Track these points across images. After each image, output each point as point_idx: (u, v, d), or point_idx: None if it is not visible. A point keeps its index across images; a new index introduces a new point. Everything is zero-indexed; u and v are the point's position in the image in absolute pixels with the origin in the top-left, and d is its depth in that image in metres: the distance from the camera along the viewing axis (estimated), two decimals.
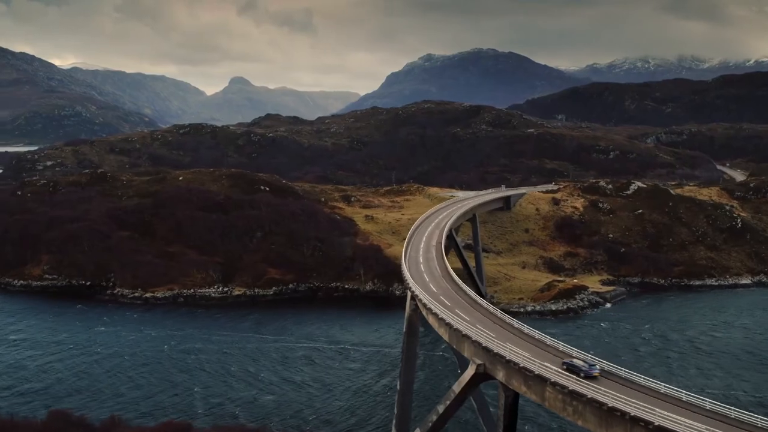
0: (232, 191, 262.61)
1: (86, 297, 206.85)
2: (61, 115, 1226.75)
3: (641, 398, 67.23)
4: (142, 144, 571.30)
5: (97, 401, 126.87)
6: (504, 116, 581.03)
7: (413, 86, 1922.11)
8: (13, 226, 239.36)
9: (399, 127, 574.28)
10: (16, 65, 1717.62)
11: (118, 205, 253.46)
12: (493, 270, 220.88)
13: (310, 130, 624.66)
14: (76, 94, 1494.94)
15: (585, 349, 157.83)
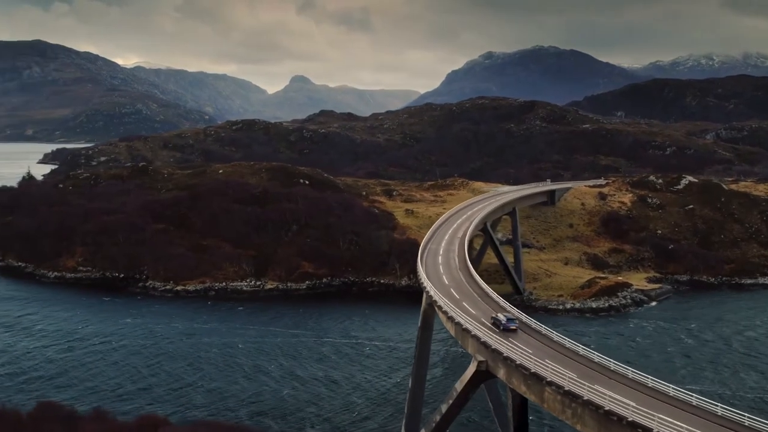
0: (271, 184, 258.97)
1: (118, 289, 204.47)
2: (122, 112, 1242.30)
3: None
4: (195, 140, 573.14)
5: (103, 393, 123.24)
6: (559, 112, 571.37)
7: (473, 84, 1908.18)
8: (50, 219, 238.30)
9: (452, 124, 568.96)
10: (80, 64, 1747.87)
11: (154, 198, 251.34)
12: (534, 266, 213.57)
13: (363, 126, 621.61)
14: (137, 92, 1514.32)
15: (617, 348, 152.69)
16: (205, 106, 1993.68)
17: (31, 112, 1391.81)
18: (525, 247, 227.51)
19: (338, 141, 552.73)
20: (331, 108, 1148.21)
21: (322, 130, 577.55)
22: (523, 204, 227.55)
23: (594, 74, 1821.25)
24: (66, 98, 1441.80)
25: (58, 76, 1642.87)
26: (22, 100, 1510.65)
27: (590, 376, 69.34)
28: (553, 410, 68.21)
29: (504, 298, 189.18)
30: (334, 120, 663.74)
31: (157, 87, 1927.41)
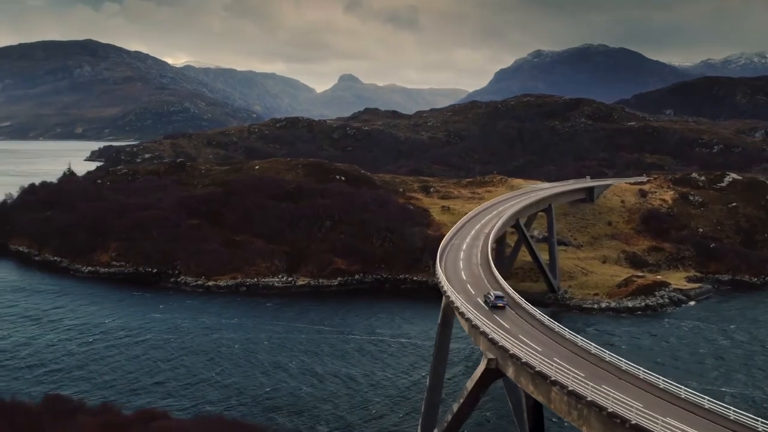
0: (306, 180, 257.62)
1: (150, 284, 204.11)
2: (170, 111, 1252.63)
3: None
4: (239, 137, 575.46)
5: (119, 386, 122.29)
6: (604, 109, 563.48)
7: (522, 83, 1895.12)
8: (86, 214, 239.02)
9: (497, 121, 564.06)
10: (131, 63, 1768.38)
11: (189, 193, 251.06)
12: (570, 264, 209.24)
13: (407, 123, 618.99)
14: (186, 91, 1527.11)
15: (649, 348, 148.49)
16: (253, 104, 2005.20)
17: (81, 111, 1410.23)
18: (562, 244, 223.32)
19: (381, 138, 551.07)
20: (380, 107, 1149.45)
21: (366, 128, 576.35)
22: (559, 201, 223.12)
23: (644, 73, 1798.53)
24: (115, 97, 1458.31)
25: (109, 75, 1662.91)
26: (72, 99, 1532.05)
27: (599, 375, 66.08)
28: (559, 411, 65.12)
29: (538, 296, 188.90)
30: (378, 118, 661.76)
31: (206, 86, 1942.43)
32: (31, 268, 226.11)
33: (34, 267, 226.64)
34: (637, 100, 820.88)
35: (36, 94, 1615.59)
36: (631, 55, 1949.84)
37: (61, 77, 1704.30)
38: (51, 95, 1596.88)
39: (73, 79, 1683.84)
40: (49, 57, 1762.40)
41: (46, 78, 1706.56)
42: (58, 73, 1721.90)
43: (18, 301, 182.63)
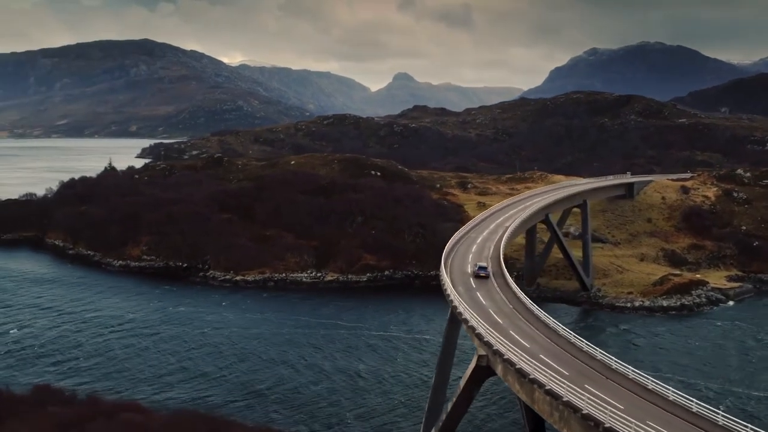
0: (340, 176, 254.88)
1: (179, 278, 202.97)
2: (223, 109, 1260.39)
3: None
4: (286, 134, 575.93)
5: (121, 379, 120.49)
6: (655, 106, 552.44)
7: (577, 81, 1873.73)
8: (119, 208, 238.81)
9: (545, 118, 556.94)
10: (186, 62, 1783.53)
11: (222, 188, 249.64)
12: (606, 261, 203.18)
13: (455, 121, 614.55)
14: (240, 89, 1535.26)
15: (678, 348, 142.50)
16: (307, 103, 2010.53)
17: (136, 109, 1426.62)
18: (599, 241, 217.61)
19: (429, 136, 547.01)
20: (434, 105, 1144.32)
21: (413, 125, 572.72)
22: (595, 196, 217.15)
23: (701, 70, 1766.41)
24: (170, 95, 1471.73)
25: (164, 74, 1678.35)
26: (128, 98, 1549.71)
27: (586, 374, 61.63)
28: (543, 412, 60.81)
29: (569, 294, 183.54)
30: (426, 115, 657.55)
31: (261, 84, 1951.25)
32: (64, 261, 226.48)
33: (68, 260, 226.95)
34: (692, 97, 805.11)
35: (93, 93, 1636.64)
36: (688, 53, 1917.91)
37: (117, 76, 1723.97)
38: (107, 94, 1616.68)
39: (129, 78, 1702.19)
40: (106, 56, 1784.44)
41: (102, 77, 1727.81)
42: (115, 72, 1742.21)
43: (44, 293, 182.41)
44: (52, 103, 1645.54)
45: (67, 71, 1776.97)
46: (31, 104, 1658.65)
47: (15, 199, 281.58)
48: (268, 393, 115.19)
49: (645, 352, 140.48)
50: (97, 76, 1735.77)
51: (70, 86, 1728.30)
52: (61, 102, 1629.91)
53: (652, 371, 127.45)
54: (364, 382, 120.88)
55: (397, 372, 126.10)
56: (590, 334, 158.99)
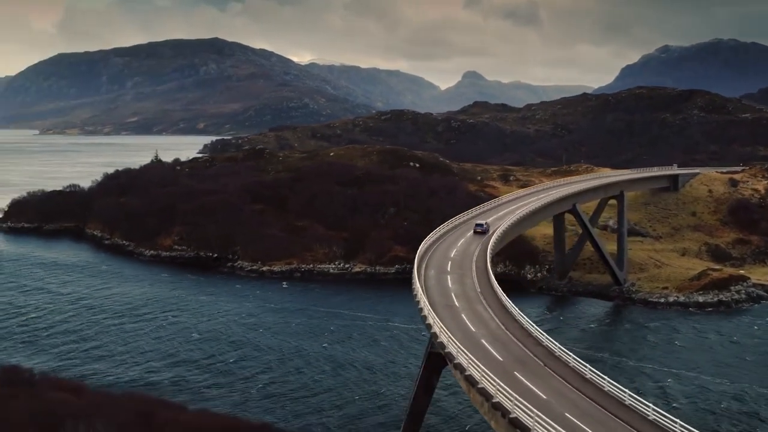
0: (377, 167, 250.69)
1: (208, 269, 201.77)
2: (289, 107, 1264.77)
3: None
4: (343, 130, 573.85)
5: (118, 364, 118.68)
6: (719, 101, 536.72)
7: (649, 79, 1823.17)
8: (156, 199, 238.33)
9: (606, 114, 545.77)
10: (255, 61, 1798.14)
11: (258, 179, 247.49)
12: (644, 255, 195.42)
13: (515, 117, 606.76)
14: (307, 87, 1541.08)
15: (708, 347, 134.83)
16: (376, 101, 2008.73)
17: (204, 107, 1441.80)
18: (639, 235, 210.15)
19: (487, 131, 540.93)
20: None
21: (471, 121, 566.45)
22: (634, 188, 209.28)
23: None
24: (238, 93, 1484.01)
25: (233, 72, 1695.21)
26: (197, 96, 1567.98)
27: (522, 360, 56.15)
28: (475, 402, 55.57)
29: (601, 289, 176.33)
30: (486, 111, 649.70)
31: (329, 83, 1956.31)
32: (100, 251, 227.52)
33: (103, 250, 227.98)
34: (762, 94, 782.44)
35: (163, 91, 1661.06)
36: (763, 50, 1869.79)
37: (187, 74, 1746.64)
38: (177, 92, 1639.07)
39: (199, 76, 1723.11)
40: (177, 55, 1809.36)
41: (173, 75, 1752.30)
42: (185, 71, 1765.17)
43: (68, 280, 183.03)
44: (123, 101, 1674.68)
45: (138, 70, 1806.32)
46: (103, 102, 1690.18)
47: (59, 191, 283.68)
48: (271, 383, 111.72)
49: (664, 348, 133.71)
50: (167, 75, 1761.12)
51: (141, 84, 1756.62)
52: (131, 100, 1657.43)
53: (661, 366, 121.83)
54: (371, 374, 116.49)
55: (410, 365, 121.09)
56: (614, 328, 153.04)
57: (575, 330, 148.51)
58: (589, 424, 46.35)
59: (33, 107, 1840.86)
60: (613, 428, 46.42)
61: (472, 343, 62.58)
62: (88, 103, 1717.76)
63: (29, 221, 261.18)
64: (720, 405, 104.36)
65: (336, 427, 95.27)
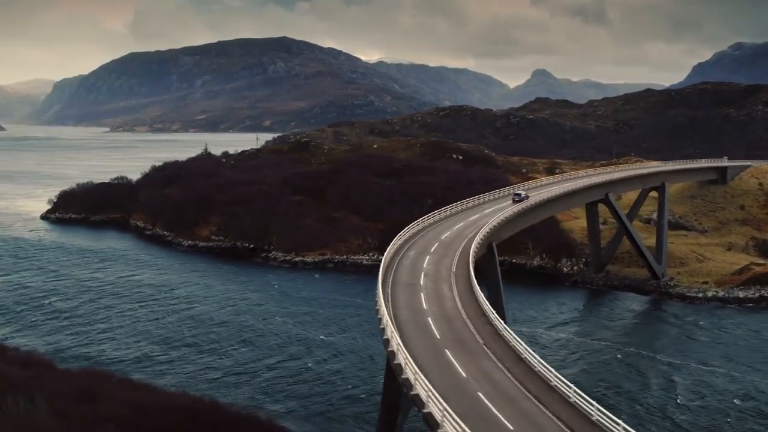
0: (418, 159, 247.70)
1: (243, 258, 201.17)
2: (354, 104, 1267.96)
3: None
4: (402, 126, 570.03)
5: (124, 347, 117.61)
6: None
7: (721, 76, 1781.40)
8: (197, 190, 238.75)
9: (669, 109, 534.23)
10: (323, 59, 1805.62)
11: (297, 170, 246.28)
12: (686, 249, 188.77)
13: (576, 113, 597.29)
14: (373, 85, 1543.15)
15: (748, 344, 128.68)
16: (443, 100, 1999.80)
17: (271, 104, 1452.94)
18: (683, 229, 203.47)
19: (546, 127, 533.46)
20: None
21: (530, 116, 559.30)
22: (677, 179, 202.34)
23: None
24: (305, 91, 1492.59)
25: (301, 70, 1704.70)
26: (264, 94, 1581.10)
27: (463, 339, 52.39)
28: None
29: (638, 283, 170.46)
30: (547, 107, 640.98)
31: (397, 81, 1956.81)
32: (140, 241, 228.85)
33: (144, 240, 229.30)
34: None
35: (231, 89, 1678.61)
36: None
37: (255, 73, 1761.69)
38: (245, 90, 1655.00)
39: (267, 74, 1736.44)
40: (245, 54, 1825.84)
41: (241, 73, 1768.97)
42: (254, 69, 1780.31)
43: (100, 268, 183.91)
44: (192, 99, 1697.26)
45: (207, 69, 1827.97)
46: (173, 100, 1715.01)
47: (107, 183, 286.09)
48: (264, 370, 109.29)
49: (697, 343, 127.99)
50: (236, 73, 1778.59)
51: (210, 83, 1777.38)
52: (200, 98, 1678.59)
53: (688, 360, 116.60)
54: (373, 364, 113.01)
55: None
56: (645, 322, 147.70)
57: (602, 323, 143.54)
58: (500, 405, 42.73)
59: (104, 105, 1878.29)
60: (525, 409, 42.66)
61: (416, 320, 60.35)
62: (158, 101, 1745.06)
63: (76, 212, 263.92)
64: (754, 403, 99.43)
65: (318, 414, 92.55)
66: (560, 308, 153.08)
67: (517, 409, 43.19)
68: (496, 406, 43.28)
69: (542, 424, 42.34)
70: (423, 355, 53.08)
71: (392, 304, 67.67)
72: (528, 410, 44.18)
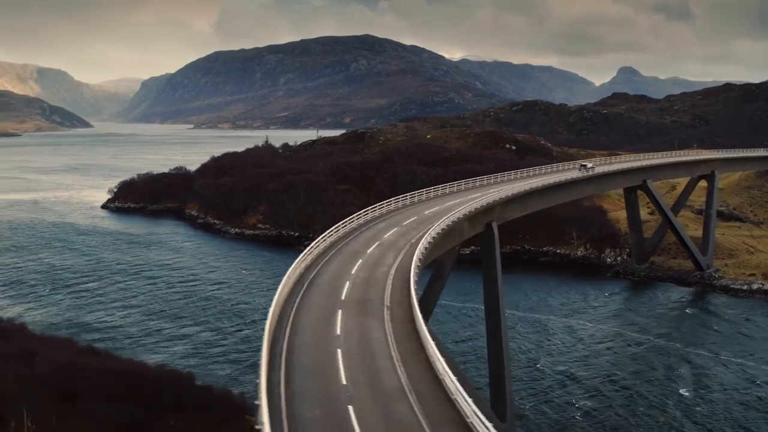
0: (469, 148, 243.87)
1: (287, 246, 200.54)
2: (434, 101, 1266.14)
3: None
4: (474, 120, 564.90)
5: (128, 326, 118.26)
6: None
7: None
8: (248, 179, 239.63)
9: (747, 104, 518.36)
10: (405, 57, 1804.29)
11: (346, 160, 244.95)
12: (737, 241, 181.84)
13: (653, 107, 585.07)
14: (454, 82, 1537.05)
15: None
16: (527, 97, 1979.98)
17: (351, 102, 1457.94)
18: (738, 220, 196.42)
19: (620, 122, 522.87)
20: None
21: (604, 111, 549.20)
22: (728, 168, 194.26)
23: None
24: (386, 88, 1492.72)
25: (383, 68, 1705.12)
26: (346, 91, 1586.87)
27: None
28: None
29: (682, 274, 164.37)
30: (624, 102, 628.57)
31: (479, 78, 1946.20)
32: (191, 229, 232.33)
33: (195, 228, 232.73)
34: None
35: (313, 87, 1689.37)
36: None
37: (338, 70, 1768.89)
38: (327, 87, 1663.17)
39: (349, 72, 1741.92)
40: (327, 52, 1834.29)
41: (324, 71, 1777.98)
42: (336, 67, 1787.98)
43: (141, 254, 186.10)
44: (275, 96, 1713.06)
45: (291, 67, 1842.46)
46: (256, 98, 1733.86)
47: (165, 173, 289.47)
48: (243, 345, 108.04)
49: (733, 337, 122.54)
50: (318, 71, 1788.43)
51: (293, 81, 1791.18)
52: (283, 96, 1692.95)
53: (718, 353, 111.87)
54: None
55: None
56: (681, 314, 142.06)
57: (635, 313, 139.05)
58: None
59: (190, 103, 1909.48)
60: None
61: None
62: (241, 99, 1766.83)
63: (135, 201, 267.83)
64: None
65: None
66: (594, 299, 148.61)
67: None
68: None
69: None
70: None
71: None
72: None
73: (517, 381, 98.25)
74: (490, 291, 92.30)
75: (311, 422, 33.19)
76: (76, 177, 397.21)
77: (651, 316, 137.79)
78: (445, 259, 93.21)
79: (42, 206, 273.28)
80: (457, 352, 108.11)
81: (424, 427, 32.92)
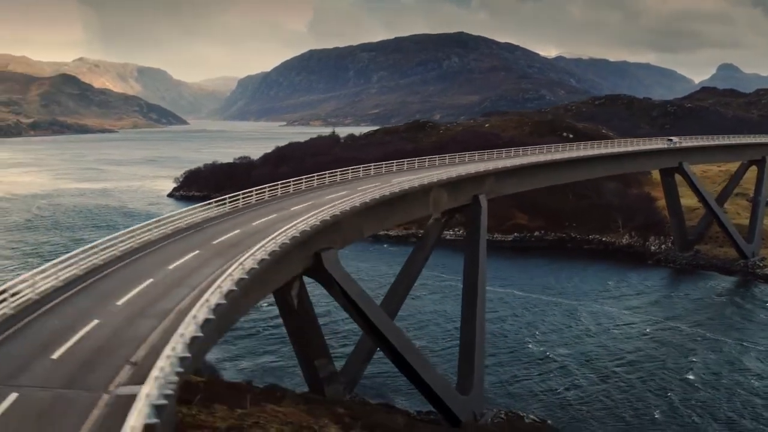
0: (526, 137, 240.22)
1: None
2: (524, 98, 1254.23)
3: None
4: (555, 115, 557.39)
5: None
6: None
7: None
8: (303, 168, 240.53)
9: None
10: (498, 54, 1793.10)
11: (398, 148, 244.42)
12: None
13: (741, 102, 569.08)
14: (546, 79, 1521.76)
15: None
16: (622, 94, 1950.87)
17: (442, 99, 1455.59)
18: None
19: (704, 116, 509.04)
20: None
21: (689, 105, 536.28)
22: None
23: None
24: (477, 86, 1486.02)
25: (475, 65, 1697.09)
26: (437, 88, 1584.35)
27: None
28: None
29: (726, 263, 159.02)
30: (711, 96, 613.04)
31: (574, 76, 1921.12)
32: None
33: None
34: None
35: (405, 84, 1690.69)
36: None
37: (430, 68, 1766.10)
38: (419, 85, 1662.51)
39: (442, 69, 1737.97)
40: (420, 50, 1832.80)
41: (416, 69, 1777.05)
42: (428, 64, 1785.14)
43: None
44: (367, 94, 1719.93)
45: (384, 64, 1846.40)
46: (348, 96, 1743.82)
47: (229, 163, 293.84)
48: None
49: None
50: (411, 69, 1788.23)
51: (386, 79, 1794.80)
52: (375, 93, 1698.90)
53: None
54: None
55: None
56: (715, 301, 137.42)
57: (671, 301, 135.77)
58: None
59: (284, 101, 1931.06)
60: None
61: None
62: (334, 96, 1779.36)
63: (199, 190, 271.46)
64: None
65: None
66: (627, 286, 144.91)
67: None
68: None
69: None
70: None
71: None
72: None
73: (530, 362, 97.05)
74: (471, 264, 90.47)
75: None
76: (151, 168, 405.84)
77: (683, 304, 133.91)
78: (430, 231, 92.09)
79: (110, 194, 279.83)
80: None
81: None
